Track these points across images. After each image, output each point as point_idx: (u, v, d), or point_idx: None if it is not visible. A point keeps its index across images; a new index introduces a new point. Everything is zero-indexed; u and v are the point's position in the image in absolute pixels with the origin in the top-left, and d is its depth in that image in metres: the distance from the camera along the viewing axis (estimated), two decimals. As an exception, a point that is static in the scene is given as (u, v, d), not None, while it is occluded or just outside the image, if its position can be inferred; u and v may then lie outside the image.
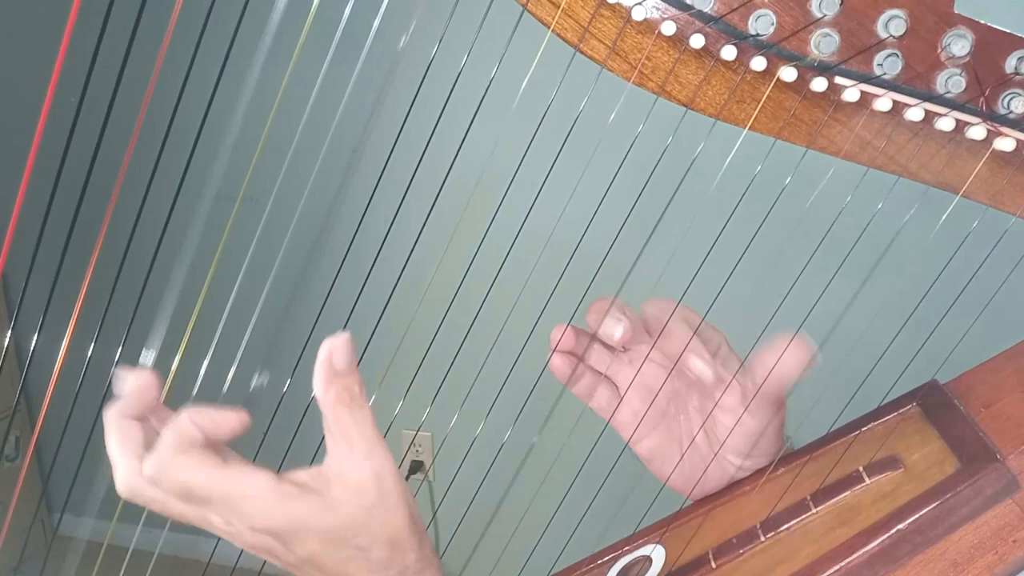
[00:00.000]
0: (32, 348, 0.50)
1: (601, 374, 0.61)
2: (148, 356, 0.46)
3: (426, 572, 0.46)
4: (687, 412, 0.60)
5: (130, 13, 0.40)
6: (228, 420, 0.43)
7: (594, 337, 0.59)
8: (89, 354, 0.49)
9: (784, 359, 0.53)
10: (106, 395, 0.48)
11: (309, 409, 0.54)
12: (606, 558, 0.59)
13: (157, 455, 0.42)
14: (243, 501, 0.42)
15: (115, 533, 0.56)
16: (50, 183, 0.43)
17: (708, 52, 0.44)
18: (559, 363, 0.59)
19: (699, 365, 0.55)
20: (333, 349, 0.44)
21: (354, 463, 0.44)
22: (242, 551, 0.46)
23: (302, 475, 0.44)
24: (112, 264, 0.47)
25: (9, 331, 0.63)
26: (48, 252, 0.46)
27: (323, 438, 0.44)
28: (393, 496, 0.44)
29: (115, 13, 0.39)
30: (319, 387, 0.44)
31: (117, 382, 0.44)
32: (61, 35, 0.38)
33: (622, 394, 0.60)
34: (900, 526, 0.47)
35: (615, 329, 0.56)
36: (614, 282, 0.59)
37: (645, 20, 0.43)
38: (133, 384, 0.44)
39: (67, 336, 0.48)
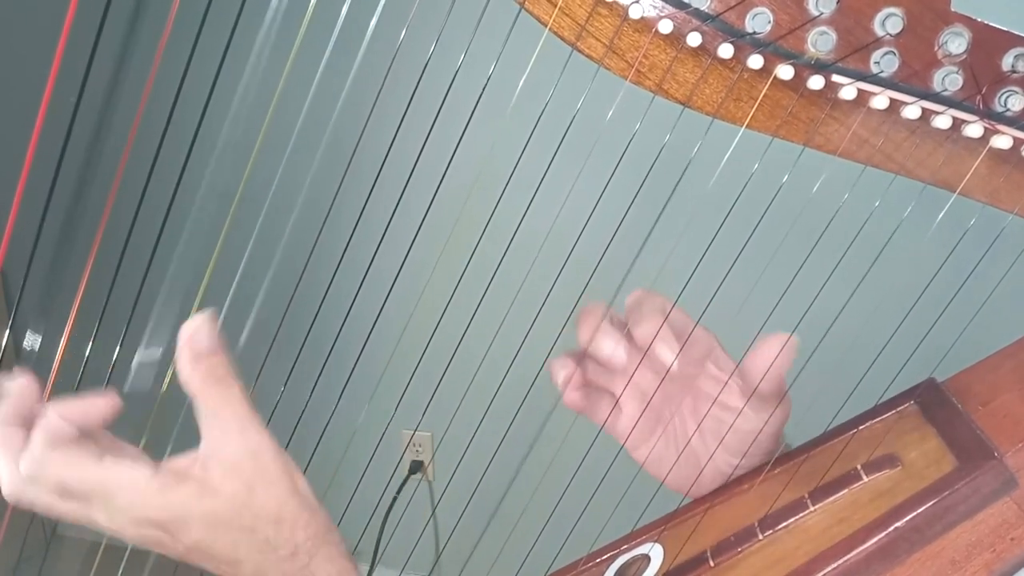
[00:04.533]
0: (31, 347, 0.50)
1: (602, 388, 0.61)
2: (147, 354, 0.46)
3: (322, 550, 0.45)
4: (681, 414, 0.60)
5: (128, 11, 0.40)
6: (97, 407, 0.43)
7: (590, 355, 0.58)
8: (87, 353, 0.49)
9: (769, 353, 0.52)
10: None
11: (308, 408, 0.55)
12: (604, 556, 0.59)
13: (30, 454, 0.42)
14: (120, 494, 0.42)
15: (113, 532, 0.56)
16: (48, 182, 0.43)
17: (705, 50, 0.44)
18: (576, 398, 0.58)
19: (662, 350, 0.54)
20: (192, 331, 0.44)
21: (227, 441, 0.44)
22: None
23: (181, 462, 0.44)
24: (110, 263, 0.47)
25: (8, 330, 0.62)
26: (46, 251, 0.46)
27: (322, 434, 0.44)
28: (272, 471, 0.44)
29: (113, 11, 0.39)
30: (183, 369, 0.44)
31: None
32: (59, 32, 0.38)
33: (616, 402, 0.60)
34: (898, 524, 0.48)
35: (618, 352, 0.55)
36: (612, 280, 0.59)
37: (642, 18, 0.43)
38: (13, 390, 0.44)
39: (65, 335, 0.48)
